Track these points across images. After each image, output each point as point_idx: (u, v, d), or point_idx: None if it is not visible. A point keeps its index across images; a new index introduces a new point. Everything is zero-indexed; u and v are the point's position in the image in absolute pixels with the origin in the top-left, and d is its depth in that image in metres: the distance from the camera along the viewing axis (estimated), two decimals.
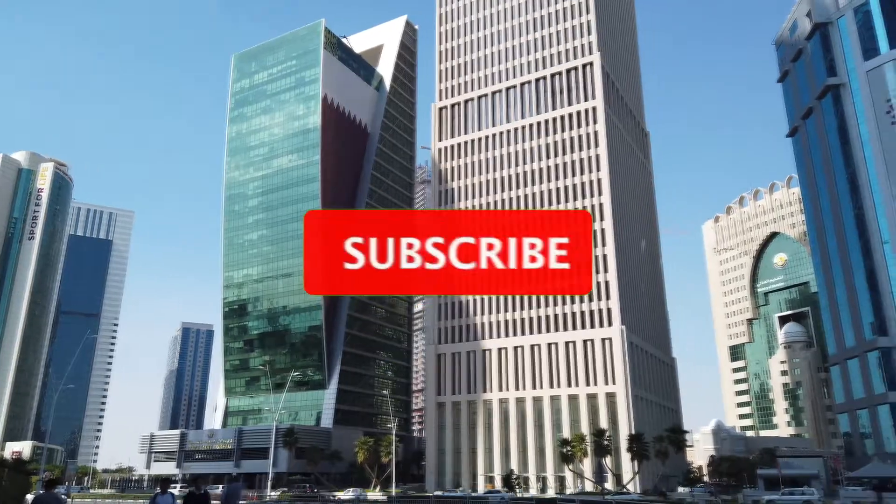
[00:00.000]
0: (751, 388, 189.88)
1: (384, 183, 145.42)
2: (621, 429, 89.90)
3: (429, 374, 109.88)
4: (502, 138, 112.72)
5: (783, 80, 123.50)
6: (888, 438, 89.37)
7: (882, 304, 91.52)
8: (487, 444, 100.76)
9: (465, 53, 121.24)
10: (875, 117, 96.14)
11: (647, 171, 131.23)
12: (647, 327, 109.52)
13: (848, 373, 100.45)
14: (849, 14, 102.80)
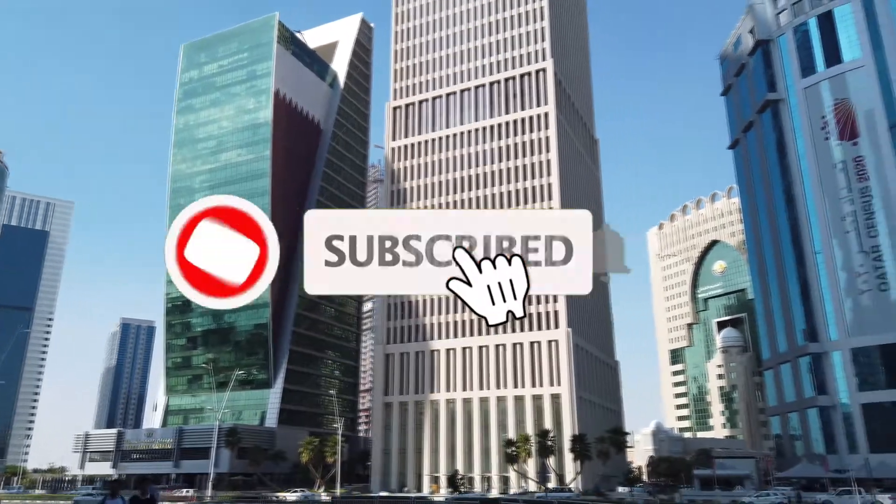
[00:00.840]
0: (689, 391, 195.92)
1: (336, 180, 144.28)
2: (565, 429, 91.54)
3: (377, 374, 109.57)
4: (455, 140, 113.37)
5: (726, 94, 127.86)
6: (816, 440, 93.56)
7: (813, 312, 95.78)
8: (433, 445, 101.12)
9: (420, 54, 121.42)
10: (811, 132, 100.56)
11: (596, 178, 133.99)
12: (592, 330, 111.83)
13: (780, 377, 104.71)
14: (789, 33, 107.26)
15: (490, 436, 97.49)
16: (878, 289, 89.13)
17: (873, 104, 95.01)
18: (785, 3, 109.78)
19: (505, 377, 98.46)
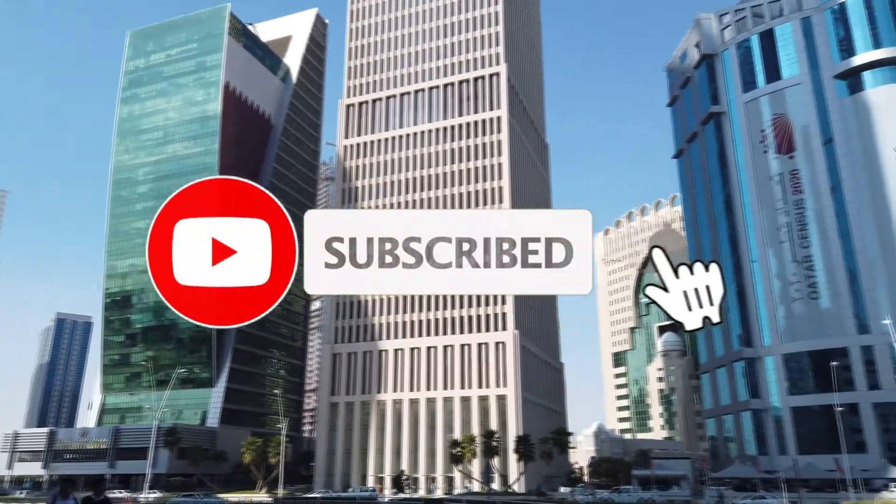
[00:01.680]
0: (630, 393, 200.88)
1: (286, 177, 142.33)
2: (510, 430, 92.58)
3: (323, 374, 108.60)
4: (408, 140, 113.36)
5: (672, 105, 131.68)
6: (749, 442, 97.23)
7: (749, 318, 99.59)
8: (379, 445, 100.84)
9: (375, 52, 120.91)
10: (751, 145, 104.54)
11: (546, 182, 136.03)
12: (539, 333, 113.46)
13: (716, 381, 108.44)
14: (732, 48, 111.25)
15: (436, 436, 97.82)
16: (809, 297, 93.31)
17: (809, 120, 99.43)
18: (729, 19, 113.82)
19: (452, 378, 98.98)
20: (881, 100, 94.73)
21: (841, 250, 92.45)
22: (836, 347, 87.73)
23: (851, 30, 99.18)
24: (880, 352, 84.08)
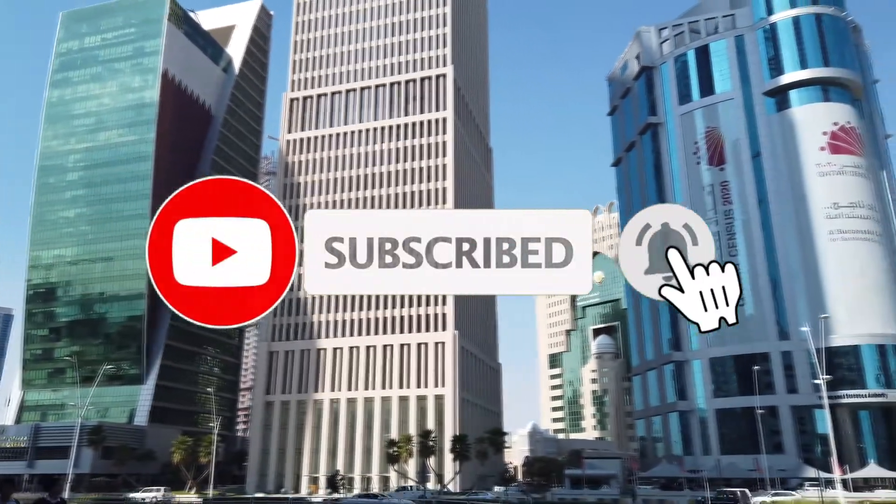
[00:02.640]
0: (565, 394, 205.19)
1: (225, 170, 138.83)
2: (447, 430, 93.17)
3: (259, 372, 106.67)
4: (353, 138, 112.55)
5: (612, 114, 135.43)
6: (676, 442, 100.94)
7: (678, 322, 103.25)
8: (314, 445, 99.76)
9: (321, 47, 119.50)
10: (685, 156, 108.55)
11: (489, 186, 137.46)
12: (478, 333, 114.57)
13: (647, 383, 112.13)
14: (670, 62, 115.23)
15: (373, 436, 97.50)
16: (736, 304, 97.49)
17: (739, 134, 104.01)
18: (668, 33, 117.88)
19: (391, 378, 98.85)
20: (805, 117, 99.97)
21: (765, 260, 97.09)
22: (759, 353, 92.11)
23: (781, 50, 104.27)
24: (798, 357, 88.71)
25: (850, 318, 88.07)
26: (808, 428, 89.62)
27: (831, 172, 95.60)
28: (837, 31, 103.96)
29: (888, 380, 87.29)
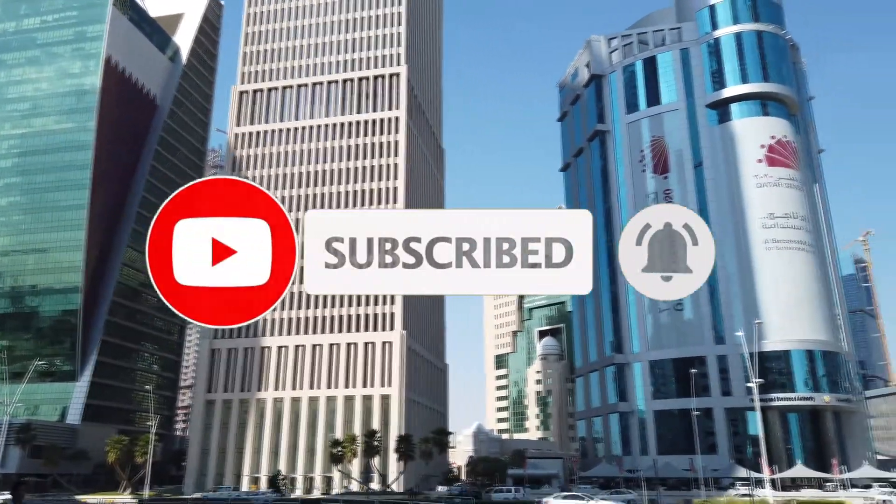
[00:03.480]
0: (510, 395, 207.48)
1: (170, 161, 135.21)
2: (392, 430, 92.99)
3: (200, 370, 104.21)
4: (303, 133, 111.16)
5: (562, 120, 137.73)
6: (615, 442, 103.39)
7: (621, 326, 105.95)
8: (256, 445, 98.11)
9: (273, 40, 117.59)
10: (630, 164, 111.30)
11: (440, 186, 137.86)
12: (425, 333, 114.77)
13: (589, 384, 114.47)
14: (619, 71, 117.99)
15: (317, 436, 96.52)
16: (675, 308, 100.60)
17: (682, 144, 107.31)
18: (617, 43, 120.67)
19: (337, 377, 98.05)
20: (745, 130, 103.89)
21: None
22: (696, 356, 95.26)
23: (723, 64, 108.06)
24: (733, 361, 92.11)
25: (782, 325, 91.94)
26: (741, 429, 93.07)
27: (768, 184, 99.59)
28: (777, 48, 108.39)
29: (816, 384, 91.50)
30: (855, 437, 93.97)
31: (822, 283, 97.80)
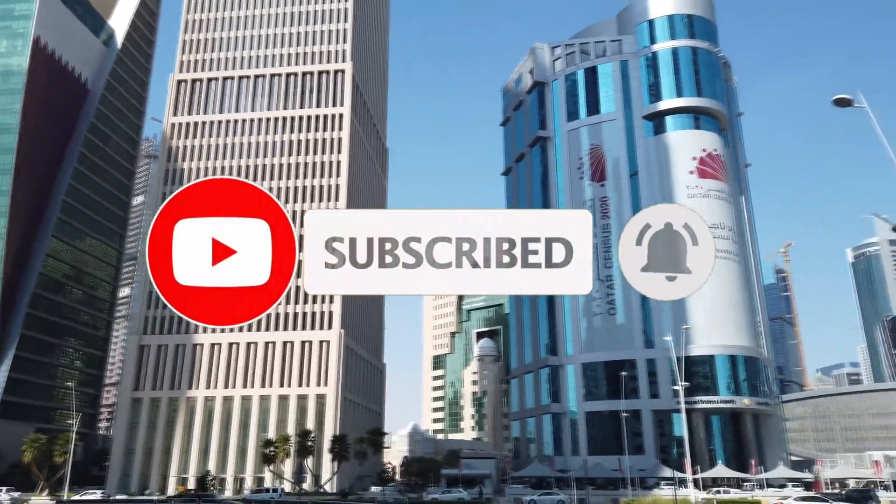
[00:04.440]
0: (446, 395, 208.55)
1: (101, 149, 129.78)
2: (327, 430, 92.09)
3: (127, 367, 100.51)
4: (243, 126, 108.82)
5: (505, 125, 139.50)
6: (547, 443, 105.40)
7: (556, 329, 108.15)
8: (185, 444, 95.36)
9: (214, 29, 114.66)
10: (569, 170, 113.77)
11: (383, 186, 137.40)
12: (364, 333, 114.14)
13: (524, 385, 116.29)
14: (561, 79, 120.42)
15: (248, 435, 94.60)
16: (608, 313, 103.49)
17: (619, 153, 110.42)
18: (560, 52, 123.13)
19: (271, 376, 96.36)
20: (678, 142, 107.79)
21: None
22: (627, 359, 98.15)
23: (660, 77, 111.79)
24: (661, 365, 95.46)
25: (708, 330, 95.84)
26: (667, 431, 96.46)
27: (698, 195, 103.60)
28: (710, 64, 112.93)
29: (737, 388, 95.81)
30: (772, 438, 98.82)
31: (745, 292, 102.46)
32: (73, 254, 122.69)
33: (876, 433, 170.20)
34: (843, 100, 19.92)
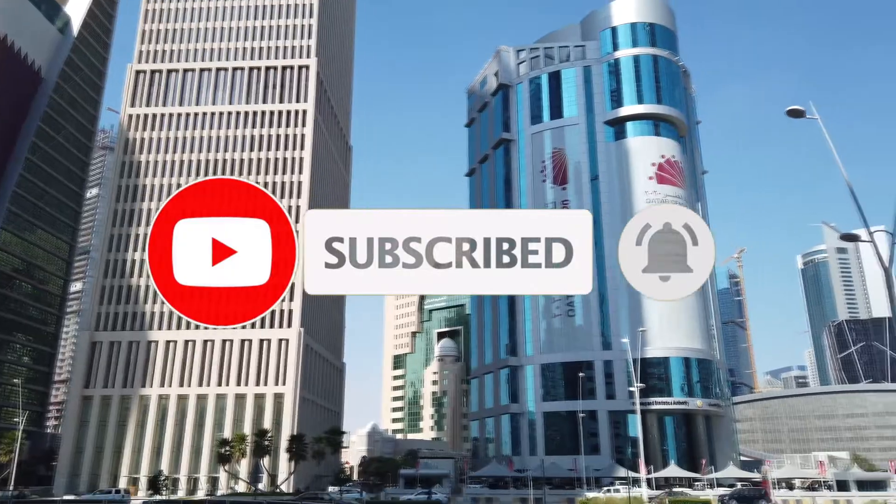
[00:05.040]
0: (406, 395, 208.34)
1: (54, 140, 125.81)
2: (284, 429, 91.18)
3: (78, 364, 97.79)
4: (204, 120, 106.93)
5: (469, 126, 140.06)
6: (506, 443, 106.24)
7: (516, 330, 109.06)
8: (137, 444, 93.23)
9: (175, 20, 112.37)
10: (532, 173, 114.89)
11: (346, 183, 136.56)
12: (324, 331, 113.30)
13: (483, 386, 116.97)
14: (525, 82, 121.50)
15: (204, 435, 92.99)
16: (567, 314, 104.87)
17: (581, 157, 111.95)
18: (525, 55, 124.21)
19: (228, 374, 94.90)
20: (638, 148, 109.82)
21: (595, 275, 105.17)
22: (584, 360, 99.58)
23: (622, 84, 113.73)
24: (618, 366, 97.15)
25: (663, 333, 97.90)
26: (622, 431, 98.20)
27: (656, 200, 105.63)
28: (670, 73, 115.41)
29: (690, 389, 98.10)
30: (722, 439, 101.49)
31: (700, 296, 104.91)
32: (22, 246, 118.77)
33: (821, 434, 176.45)
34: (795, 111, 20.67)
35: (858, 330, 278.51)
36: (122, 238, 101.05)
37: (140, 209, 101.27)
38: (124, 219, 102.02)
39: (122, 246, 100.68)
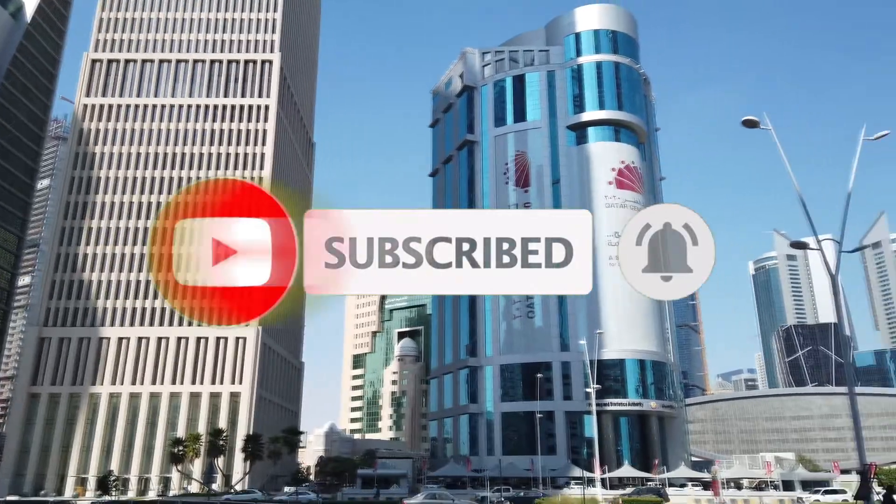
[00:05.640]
0: (365, 395, 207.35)
1: (4, 129, 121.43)
2: (240, 429, 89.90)
3: (25, 360, 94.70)
4: (163, 112, 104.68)
5: (434, 126, 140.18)
6: (464, 443, 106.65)
7: (476, 330, 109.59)
8: (86, 443, 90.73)
9: (134, 8, 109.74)
10: (495, 175, 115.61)
11: (308, 180, 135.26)
12: (283, 330, 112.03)
13: (443, 386, 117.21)
14: (490, 85, 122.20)
15: (156, 434, 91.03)
16: (527, 316, 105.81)
17: (543, 161, 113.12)
18: (490, 58, 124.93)
19: (183, 372, 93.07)
20: (599, 153, 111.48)
21: None
22: (543, 361, 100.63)
23: (584, 89, 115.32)
24: (575, 367, 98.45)
25: (620, 335, 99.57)
26: (578, 431, 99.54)
27: (615, 205, 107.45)
28: (631, 80, 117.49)
29: (645, 391, 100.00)
30: (674, 440, 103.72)
31: (655, 300, 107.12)
32: None
33: (769, 436, 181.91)
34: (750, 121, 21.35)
35: (806, 335, 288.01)
36: (74, 231, 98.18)
37: (94, 202, 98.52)
38: (76, 211, 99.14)
39: (74, 239, 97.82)
